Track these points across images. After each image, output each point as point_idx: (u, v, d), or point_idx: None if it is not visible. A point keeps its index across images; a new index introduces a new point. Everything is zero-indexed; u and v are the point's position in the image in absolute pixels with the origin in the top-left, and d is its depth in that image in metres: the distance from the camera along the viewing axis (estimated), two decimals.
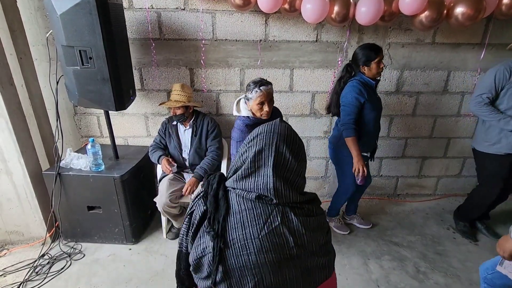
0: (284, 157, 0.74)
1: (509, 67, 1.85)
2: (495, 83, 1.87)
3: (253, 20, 2.23)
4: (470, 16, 1.93)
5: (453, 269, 1.96)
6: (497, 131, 1.95)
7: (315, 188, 2.82)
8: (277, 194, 0.72)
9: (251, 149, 0.76)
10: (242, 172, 0.75)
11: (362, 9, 1.97)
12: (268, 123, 0.80)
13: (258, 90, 1.59)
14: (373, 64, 1.83)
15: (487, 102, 1.91)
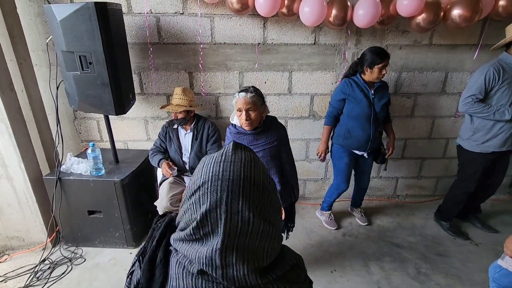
0: (241, 218, 0.49)
1: (497, 67, 1.87)
2: (485, 84, 1.89)
3: (251, 24, 2.25)
4: (467, 17, 1.95)
5: (454, 269, 1.96)
6: (488, 131, 1.99)
7: (315, 189, 2.82)
8: (227, 275, 0.49)
9: (194, 208, 0.52)
10: (185, 236, 0.53)
11: (360, 12, 1.99)
12: (214, 160, 0.53)
13: (237, 96, 1.51)
14: (376, 69, 1.88)
15: (476, 101, 1.95)
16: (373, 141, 2.06)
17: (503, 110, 1.89)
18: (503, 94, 1.89)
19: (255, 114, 1.51)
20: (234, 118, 1.63)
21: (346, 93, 1.98)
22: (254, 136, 1.58)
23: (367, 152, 2.12)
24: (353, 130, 2.04)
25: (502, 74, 1.86)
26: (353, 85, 1.97)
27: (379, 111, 2.00)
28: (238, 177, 0.50)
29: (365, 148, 2.08)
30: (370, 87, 1.98)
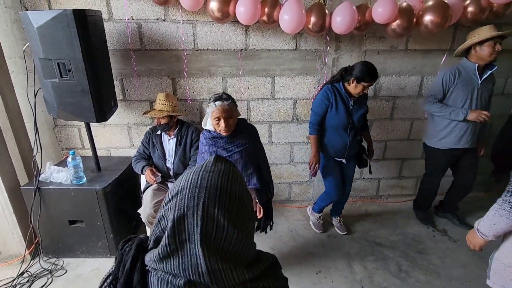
0: (216, 225, 0.50)
1: (454, 71, 2.06)
2: (443, 86, 2.09)
3: (233, 30, 2.28)
4: (438, 23, 2.05)
5: (433, 266, 2.03)
6: (444, 128, 2.15)
7: (300, 192, 2.86)
8: (215, 278, 0.50)
9: (171, 214, 0.52)
10: (160, 250, 0.52)
11: (337, 19, 2.06)
12: (195, 170, 0.56)
13: (213, 105, 1.52)
14: (361, 85, 1.89)
15: (436, 101, 2.12)
16: (351, 148, 2.08)
17: (458, 111, 2.05)
18: (458, 96, 2.07)
19: (233, 120, 1.56)
20: (207, 124, 1.64)
21: (330, 101, 1.96)
22: (230, 139, 1.60)
23: (345, 159, 2.16)
24: (330, 138, 2.06)
25: (457, 77, 2.05)
26: (336, 93, 1.97)
27: (357, 121, 2.03)
28: (215, 186, 0.52)
29: (343, 154, 2.11)
30: (350, 97, 1.99)
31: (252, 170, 1.66)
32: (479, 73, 2.06)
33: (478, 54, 2.02)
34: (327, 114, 2.01)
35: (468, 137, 2.14)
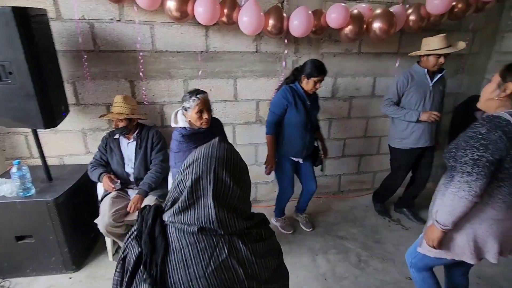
0: (224, 184, 0.67)
1: (407, 76, 2.21)
2: (397, 89, 2.24)
3: (193, 32, 2.26)
4: (385, 30, 2.22)
5: (388, 254, 2.18)
6: (405, 130, 2.29)
7: (266, 192, 2.91)
8: (222, 225, 0.66)
9: (187, 178, 0.67)
10: (180, 205, 0.67)
11: (294, 22, 2.13)
12: (205, 146, 0.72)
13: (196, 98, 1.60)
14: (312, 81, 1.98)
15: (391, 103, 2.27)
16: (308, 148, 2.17)
17: (411, 112, 2.19)
18: (412, 98, 2.22)
19: (210, 113, 1.70)
20: (179, 121, 1.65)
21: (288, 100, 1.99)
22: (206, 133, 1.65)
23: (302, 158, 2.22)
24: (292, 138, 2.08)
25: (410, 81, 2.20)
26: (294, 93, 2.02)
27: (313, 119, 2.13)
28: (223, 157, 0.69)
29: (301, 154, 2.17)
30: (308, 96, 2.07)
31: None
32: (430, 77, 2.20)
33: (425, 62, 2.17)
34: (285, 114, 2.05)
35: (427, 137, 2.28)
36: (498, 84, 1.10)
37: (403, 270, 2.03)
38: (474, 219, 1.15)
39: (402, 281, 1.94)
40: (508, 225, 1.15)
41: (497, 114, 1.07)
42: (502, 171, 1.06)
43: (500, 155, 1.01)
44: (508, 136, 1.00)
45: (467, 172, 1.06)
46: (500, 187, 1.08)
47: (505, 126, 1.02)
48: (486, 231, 1.15)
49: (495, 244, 1.15)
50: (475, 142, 1.04)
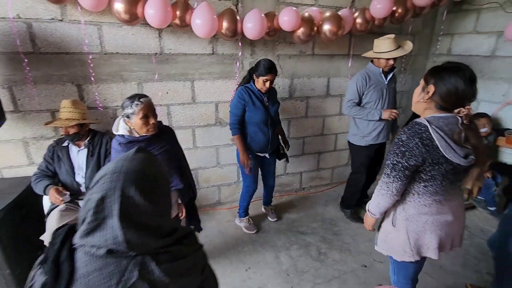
0: (133, 202, 0.61)
1: (364, 75, 2.29)
2: (357, 90, 2.29)
3: (145, 33, 2.19)
4: (334, 32, 2.34)
5: (346, 244, 2.31)
6: (366, 127, 2.37)
7: (229, 193, 2.91)
8: (131, 246, 0.61)
9: (93, 196, 0.62)
10: (86, 226, 0.61)
11: (248, 25, 2.16)
12: (117, 159, 0.67)
13: (139, 102, 1.48)
14: (261, 80, 2.04)
15: (354, 105, 2.33)
16: (272, 143, 2.24)
17: (373, 112, 2.29)
18: (371, 97, 2.30)
19: (157, 117, 1.56)
20: (119, 129, 1.53)
21: (245, 100, 2.07)
22: (148, 142, 1.54)
23: (268, 153, 2.30)
24: (255, 135, 2.16)
25: (368, 81, 2.27)
26: (249, 92, 2.09)
27: (274, 115, 2.20)
28: (133, 170, 0.63)
29: (267, 149, 2.25)
30: (264, 94, 2.13)
31: (174, 171, 1.64)
32: (384, 76, 2.32)
33: (377, 63, 2.29)
34: (245, 113, 2.12)
35: (385, 133, 2.41)
36: (423, 87, 1.17)
37: (360, 259, 2.16)
38: (410, 217, 1.22)
39: (359, 269, 2.07)
40: (444, 220, 1.20)
41: (418, 121, 1.12)
42: (425, 173, 1.12)
43: (416, 161, 1.08)
44: (425, 142, 1.06)
45: (387, 174, 1.16)
46: (426, 187, 1.15)
47: (423, 132, 1.07)
48: (422, 227, 1.20)
49: (433, 239, 1.20)
50: (396, 148, 1.12)
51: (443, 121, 1.09)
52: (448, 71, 1.08)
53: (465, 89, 1.06)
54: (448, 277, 2.01)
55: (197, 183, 2.76)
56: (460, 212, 1.26)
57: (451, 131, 1.08)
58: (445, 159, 1.07)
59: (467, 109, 1.08)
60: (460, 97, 1.08)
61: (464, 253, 2.23)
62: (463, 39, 2.90)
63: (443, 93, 1.09)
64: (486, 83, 2.74)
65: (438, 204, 1.18)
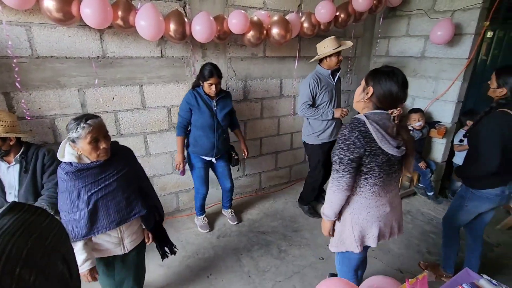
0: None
1: (316, 78, 2.40)
2: (310, 92, 2.39)
3: (84, 35, 2.03)
4: (282, 35, 2.41)
5: (305, 240, 2.39)
6: (319, 126, 2.49)
7: (188, 200, 2.83)
8: None
9: None
10: None
11: (197, 27, 2.12)
12: None
13: (86, 125, 1.23)
14: (206, 84, 2.06)
15: (308, 106, 2.42)
16: (219, 147, 2.23)
17: (326, 111, 2.40)
18: (323, 98, 2.42)
19: (109, 140, 1.32)
20: (65, 154, 1.30)
21: (191, 103, 2.09)
22: (101, 168, 1.32)
23: (215, 158, 2.30)
24: (199, 138, 2.18)
25: (319, 82, 2.38)
26: (197, 96, 2.10)
27: (222, 120, 2.18)
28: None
29: (212, 154, 2.24)
30: (212, 98, 2.13)
31: (134, 196, 1.44)
32: (332, 76, 2.46)
33: (328, 63, 2.40)
34: (192, 116, 2.15)
35: (336, 131, 2.54)
36: (363, 88, 1.26)
37: (318, 252, 2.26)
38: (354, 210, 1.30)
39: (317, 262, 2.16)
40: (383, 210, 1.29)
41: (358, 116, 1.22)
42: (365, 165, 1.21)
43: (359, 152, 1.16)
44: (364, 135, 1.16)
45: (336, 169, 1.22)
46: (366, 179, 1.23)
47: (362, 126, 1.17)
48: (365, 219, 1.29)
49: (374, 230, 1.30)
50: (341, 142, 1.20)
51: (378, 117, 1.19)
52: (385, 75, 1.18)
53: (399, 93, 1.17)
54: (395, 259, 2.20)
55: None
56: (396, 202, 1.37)
57: (385, 125, 1.19)
58: (381, 150, 1.18)
59: (398, 111, 1.21)
60: (394, 100, 1.18)
61: (408, 236, 2.46)
62: (398, 42, 3.19)
63: (380, 95, 1.19)
64: (419, 81, 3.06)
65: (377, 196, 1.27)
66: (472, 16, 2.53)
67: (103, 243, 1.38)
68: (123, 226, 1.40)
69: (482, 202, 1.66)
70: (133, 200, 1.43)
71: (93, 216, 1.29)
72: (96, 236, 1.34)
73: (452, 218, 1.85)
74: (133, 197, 1.44)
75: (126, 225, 1.41)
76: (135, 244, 1.49)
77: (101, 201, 1.30)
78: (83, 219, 1.27)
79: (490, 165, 1.50)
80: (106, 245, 1.39)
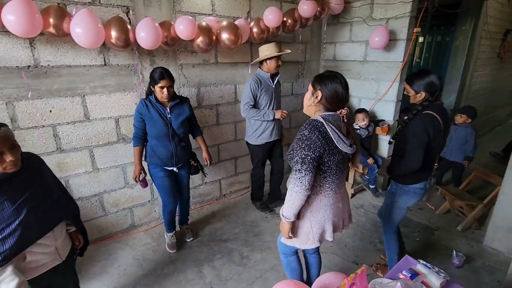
0: None
1: (257, 79, 2.52)
2: (252, 93, 2.50)
3: (10, 43, 1.83)
4: (232, 41, 2.42)
5: (266, 243, 2.41)
6: (259, 127, 2.60)
7: (144, 214, 2.69)
8: None
9: None
10: None
11: (141, 34, 2.04)
12: None
13: None
14: (157, 88, 1.95)
15: (250, 107, 2.52)
16: (179, 156, 2.14)
17: (268, 112, 2.53)
18: (263, 100, 2.55)
19: (18, 149, 1.14)
20: None
21: (142, 113, 2.00)
22: (8, 182, 1.13)
23: (176, 167, 2.20)
24: (156, 148, 2.08)
25: (260, 84, 2.51)
26: (148, 105, 2.01)
27: (178, 128, 2.08)
28: None
29: (172, 163, 2.14)
30: (165, 106, 2.04)
31: (59, 199, 1.33)
32: (271, 80, 2.60)
33: (268, 66, 2.53)
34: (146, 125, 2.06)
35: (276, 131, 2.69)
36: (312, 93, 1.33)
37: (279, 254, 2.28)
38: (313, 208, 1.36)
39: (279, 264, 2.18)
40: (338, 207, 1.40)
41: (315, 118, 1.28)
42: (323, 164, 1.27)
43: (319, 152, 1.22)
44: (323, 135, 1.24)
45: (298, 169, 1.25)
46: (325, 178, 1.31)
47: (320, 127, 1.23)
48: (323, 216, 1.36)
49: (330, 225, 1.39)
50: (301, 143, 1.24)
51: (332, 118, 1.28)
52: (329, 79, 1.28)
53: (343, 93, 1.28)
54: (351, 252, 2.32)
55: (103, 209, 2.46)
56: (345, 196, 1.50)
57: (338, 126, 1.29)
58: (338, 149, 1.27)
59: (345, 110, 1.31)
60: (340, 100, 1.29)
61: (362, 229, 2.62)
62: (343, 47, 3.41)
63: (328, 97, 1.28)
64: (363, 83, 3.29)
65: (333, 193, 1.36)
66: (403, 23, 2.80)
67: (39, 258, 1.22)
68: (56, 231, 1.27)
69: (410, 196, 1.79)
70: (59, 202, 1.32)
71: (26, 227, 1.14)
72: (30, 253, 1.19)
73: (387, 215, 1.93)
74: (58, 200, 1.33)
75: (58, 231, 1.29)
76: (68, 249, 1.38)
77: (30, 209, 1.16)
78: (15, 232, 1.11)
79: (414, 164, 1.64)
80: (42, 259, 1.23)
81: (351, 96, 3.45)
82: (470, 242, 2.46)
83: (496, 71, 5.49)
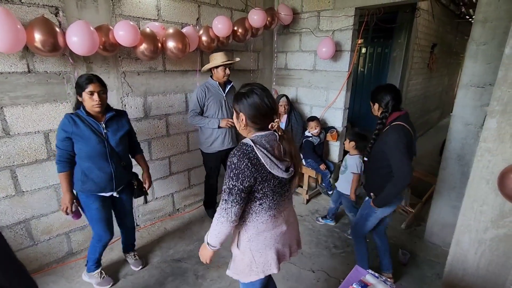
0: None
1: (204, 88, 2.52)
2: (198, 101, 2.51)
3: None
4: (180, 49, 2.30)
5: (222, 259, 2.30)
6: (210, 136, 2.57)
7: (83, 239, 2.39)
8: None
9: None
10: None
11: (73, 38, 1.82)
12: None
13: None
14: (86, 96, 1.63)
15: (196, 114, 2.52)
16: (119, 178, 1.84)
17: (213, 120, 2.51)
18: (211, 108, 2.53)
19: None
20: None
21: (69, 131, 1.65)
22: None
23: (116, 191, 1.91)
24: (89, 172, 1.74)
25: (207, 93, 2.50)
26: (76, 120, 1.66)
27: (117, 145, 1.79)
28: None
29: (111, 187, 1.83)
30: (99, 120, 1.74)
31: None
32: (222, 88, 2.56)
33: (216, 75, 2.52)
34: (74, 146, 1.70)
35: (229, 139, 2.64)
36: (237, 117, 1.21)
37: None
38: (251, 237, 1.24)
39: (236, 281, 2.08)
40: (279, 231, 1.27)
41: (245, 141, 1.15)
42: (257, 192, 1.16)
43: (249, 182, 1.10)
44: (253, 162, 1.09)
45: (225, 200, 1.14)
46: (262, 205, 1.19)
47: (250, 152, 1.10)
48: (263, 244, 1.24)
49: (273, 253, 1.26)
50: (230, 171, 1.11)
51: (265, 139, 1.15)
52: (245, 96, 1.16)
53: (263, 103, 1.14)
54: (308, 260, 2.33)
55: (31, 238, 2.12)
56: (292, 218, 1.36)
57: (272, 148, 1.16)
58: (272, 175, 1.15)
59: (276, 122, 1.17)
60: (265, 113, 1.15)
61: (317, 234, 2.66)
62: (294, 56, 3.49)
63: (251, 116, 1.16)
64: (313, 91, 3.40)
65: (273, 219, 1.25)
66: (347, 35, 2.96)
67: None
68: None
69: (389, 206, 1.85)
70: None
71: None
72: None
73: (363, 226, 1.96)
74: None
75: None
76: None
77: None
78: None
79: (407, 178, 1.63)
80: None
81: (303, 104, 3.55)
82: (413, 238, 2.65)
83: (427, 79, 6.17)
